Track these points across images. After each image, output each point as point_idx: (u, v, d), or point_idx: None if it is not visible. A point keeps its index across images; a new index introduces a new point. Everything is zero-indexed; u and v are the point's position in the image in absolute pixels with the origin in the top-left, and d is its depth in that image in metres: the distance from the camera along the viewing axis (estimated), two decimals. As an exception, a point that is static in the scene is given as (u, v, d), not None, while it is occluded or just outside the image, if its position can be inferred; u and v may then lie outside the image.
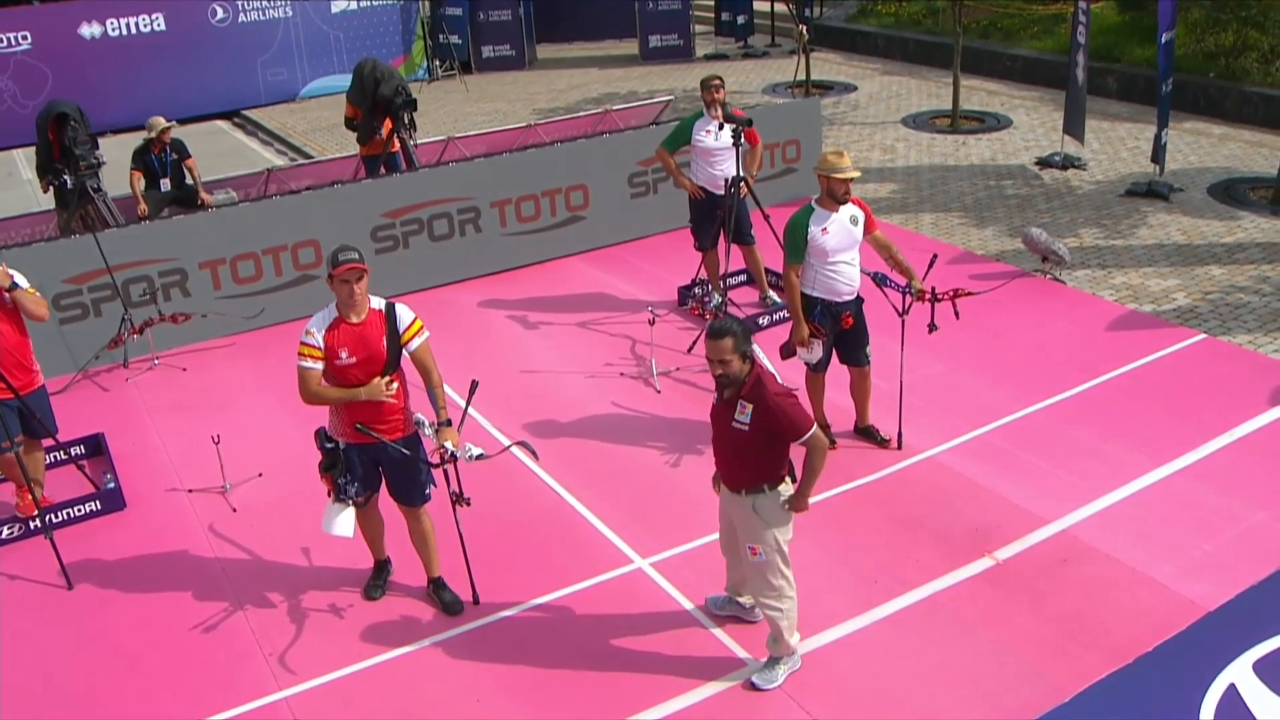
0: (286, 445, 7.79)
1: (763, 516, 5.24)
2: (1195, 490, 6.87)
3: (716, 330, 5.04)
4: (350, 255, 5.43)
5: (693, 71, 19.08)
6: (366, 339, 5.54)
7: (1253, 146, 13.62)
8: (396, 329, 5.60)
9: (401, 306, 5.67)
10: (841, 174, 6.81)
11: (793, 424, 5.09)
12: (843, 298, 7.10)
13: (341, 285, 5.45)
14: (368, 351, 5.54)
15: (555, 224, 10.76)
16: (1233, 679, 5.44)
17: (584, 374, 8.67)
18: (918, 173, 13.33)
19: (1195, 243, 10.79)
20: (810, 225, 6.93)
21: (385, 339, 5.57)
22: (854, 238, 7.03)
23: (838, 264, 7.01)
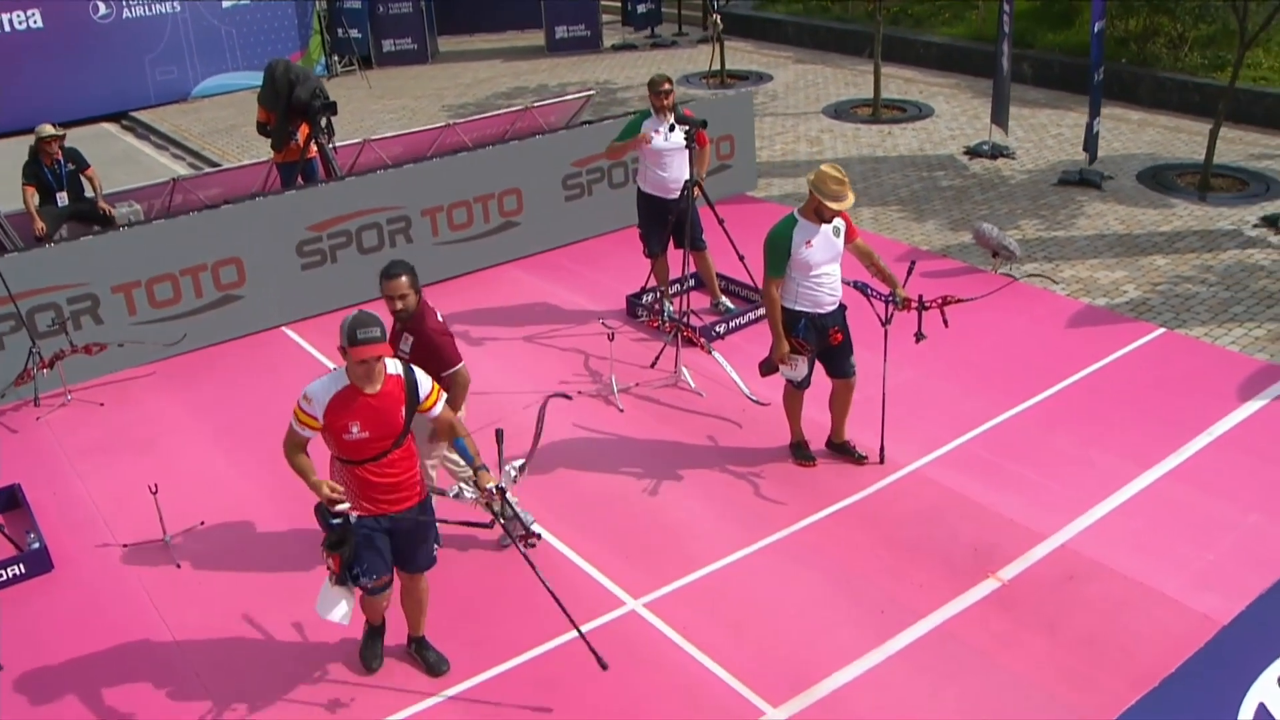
0: (225, 486, 7.20)
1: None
2: (1184, 494, 6.74)
3: (391, 269, 5.74)
4: (371, 333, 4.71)
5: (602, 63, 18.66)
6: (383, 411, 4.91)
7: (1172, 132, 13.74)
8: (416, 397, 4.98)
9: (419, 371, 5.08)
10: (839, 205, 6.44)
11: (445, 358, 5.80)
12: (826, 309, 6.80)
13: (359, 366, 4.79)
14: (384, 426, 4.92)
15: (489, 231, 10.26)
16: (1261, 698, 5.29)
17: (538, 393, 8.15)
18: (848, 165, 13.11)
19: (1135, 232, 10.78)
20: (794, 238, 6.58)
21: (404, 408, 4.95)
22: (837, 249, 6.73)
23: (821, 276, 6.70)
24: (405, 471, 5.09)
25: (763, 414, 7.74)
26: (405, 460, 5.07)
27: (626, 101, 15.96)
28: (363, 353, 4.70)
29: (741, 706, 5.30)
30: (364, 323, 4.72)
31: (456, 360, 5.85)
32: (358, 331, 4.69)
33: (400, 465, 5.04)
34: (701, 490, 7.00)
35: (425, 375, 5.03)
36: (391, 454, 4.96)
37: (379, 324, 4.74)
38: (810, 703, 5.30)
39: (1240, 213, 11.13)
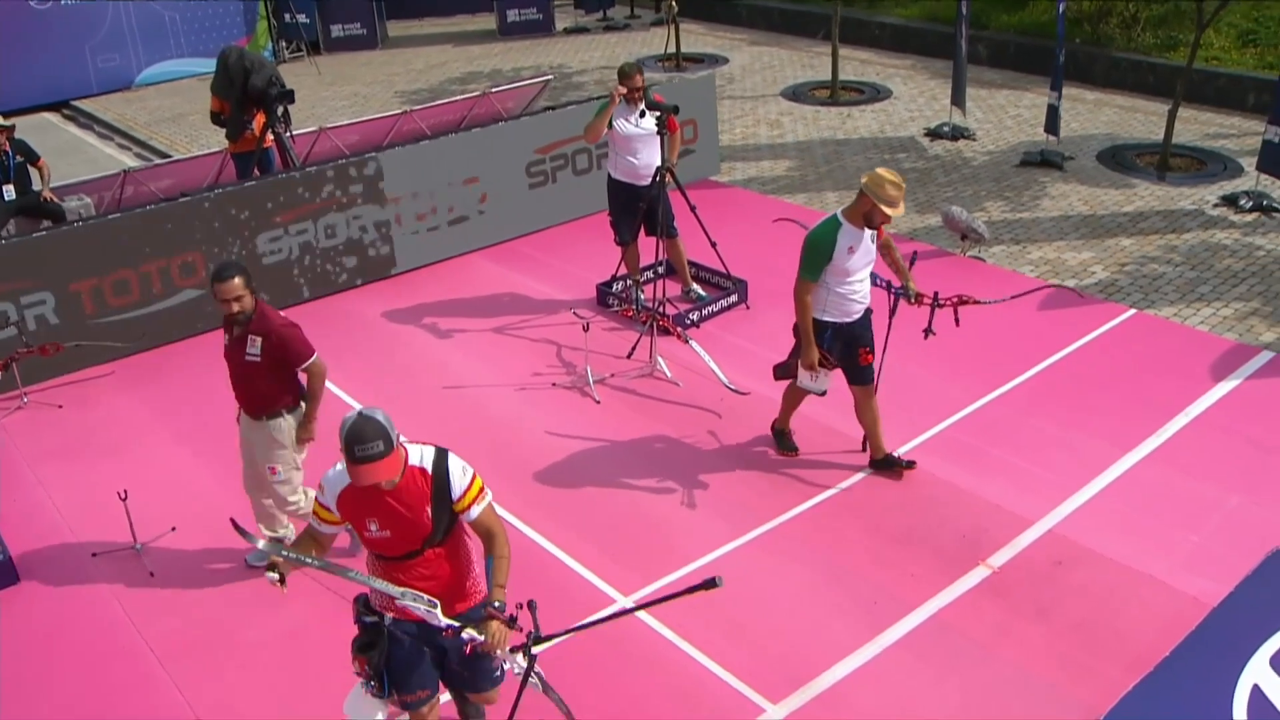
0: (196, 489, 6.98)
1: (281, 439, 5.81)
2: (1166, 477, 6.77)
3: (224, 272, 5.45)
4: (370, 450, 3.82)
5: (555, 46, 18.44)
6: (405, 509, 4.04)
7: (1128, 112, 13.84)
8: (448, 494, 4.06)
9: (456, 463, 4.09)
10: (894, 210, 6.07)
11: (299, 351, 5.65)
12: (854, 317, 6.46)
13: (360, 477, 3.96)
14: (406, 526, 4.07)
15: (453, 219, 10.06)
16: (1255, 679, 5.30)
17: (513, 386, 8.07)
18: (810, 148, 13.08)
19: (1099, 213, 10.83)
20: (838, 242, 6.18)
21: (431, 507, 4.06)
22: (873, 254, 6.40)
23: (855, 283, 6.35)
24: (451, 574, 4.24)
25: (742, 403, 7.67)
26: (448, 562, 4.22)
27: (583, 86, 15.78)
28: (361, 476, 3.87)
29: (740, 704, 5.22)
30: (362, 436, 3.80)
31: (310, 351, 5.73)
32: (355, 448, 3.81)
33: (439, 567, 4.19)
34: (684, 483, 6.90)
35: (463, 468, 4.10)
36: (425, 554, 4.14)
37: (383, 434, 3.84)
38: (810, 698, 5.24)
39: (1200, 192, 11.23)
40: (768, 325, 8.75)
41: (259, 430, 5.87)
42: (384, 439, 3.86)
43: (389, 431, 3.89)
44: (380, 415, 3.91)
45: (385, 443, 3.86)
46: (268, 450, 5.88)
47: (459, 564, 4.27)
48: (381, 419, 3.90)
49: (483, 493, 4.15)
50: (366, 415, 3.90)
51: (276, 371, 5.73)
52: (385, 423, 3.90)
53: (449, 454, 4.12)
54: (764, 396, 7.70)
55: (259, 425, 5.86)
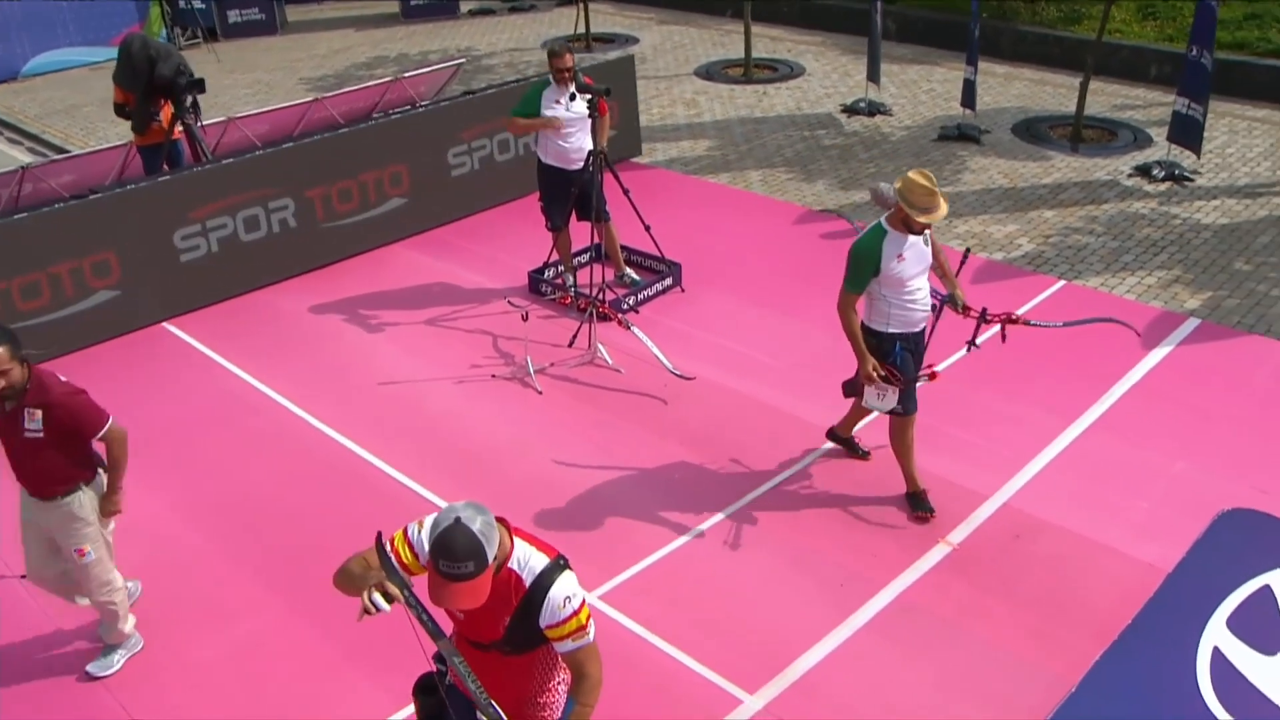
0: (129, 501, 6.61)
1: (85, 516, 5.12)
2: (1111, 445, 6.86)
3: None
4: (457, 570, 3.19)
5: (461, 29, 18.09)
6: (481, 611, 3.41)
7: (1037, 85, 14.06)
8: (534, 617, 3.42)
9: (561, 591, 3.40)
10: (927, 217, 5.63)
11: (90, 420, 4.99)
12: (919, 327, 6.08)
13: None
14: (479, 620, 3.50)
15: (376, 209, 9.77)
16: (1215, 642, 5.41)
17: (451, 380, 7.86)
18: (728, 126, 13.02)
19: (1019, 185, 10.97)
20: (884, 251, 5.81)
21: (511, 619, 3.45)
22: (928, 259, 5.98)
23: (912, 291, 5.92)
24: (518, 688, 3.66)
25: (688, 388, 7.57)
26: (518, 675, 3.65)
27: (493, 69, 15.50)
28: (440, 595, 3.25)
29: (718, 697, 5.14)
30: (452, 550, 3.17)
31: (104, 418, 5.02)
32: (440, 562, 3.20)
33: (507, 674, 3.61)
34: (636, 472, 6.80)
35: (568, 598, 3.40)
36: (493, 654, 3.58)
37: (477, 553, 3.18)
38: (787, 686, 5.19)
39: (1114, 163, 11.44)
40: (704, 308, 8.68)
41: (53, 511, 5.09)
42: (476, 559, 3.17)
43: (484, 549, 3.19)
44: (480, 523, 3.20)
45: (477, 563, 3.18)
46: (69, 531, 5.12)
47: (532, 680, 3.68)
48: (479, 530, 3.18)
49: (582, 631, 3.44)
50: (464, 524, 3.18)
51: (66, 445, 4.98)
52: (484, 536, 3.19)
53: (562, 575, 3.42)
54: (709, 381, 7.63)
55: (52, 505, 5.08)
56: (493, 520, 3.27)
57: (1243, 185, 10.79)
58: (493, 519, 3.28)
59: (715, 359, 7.91)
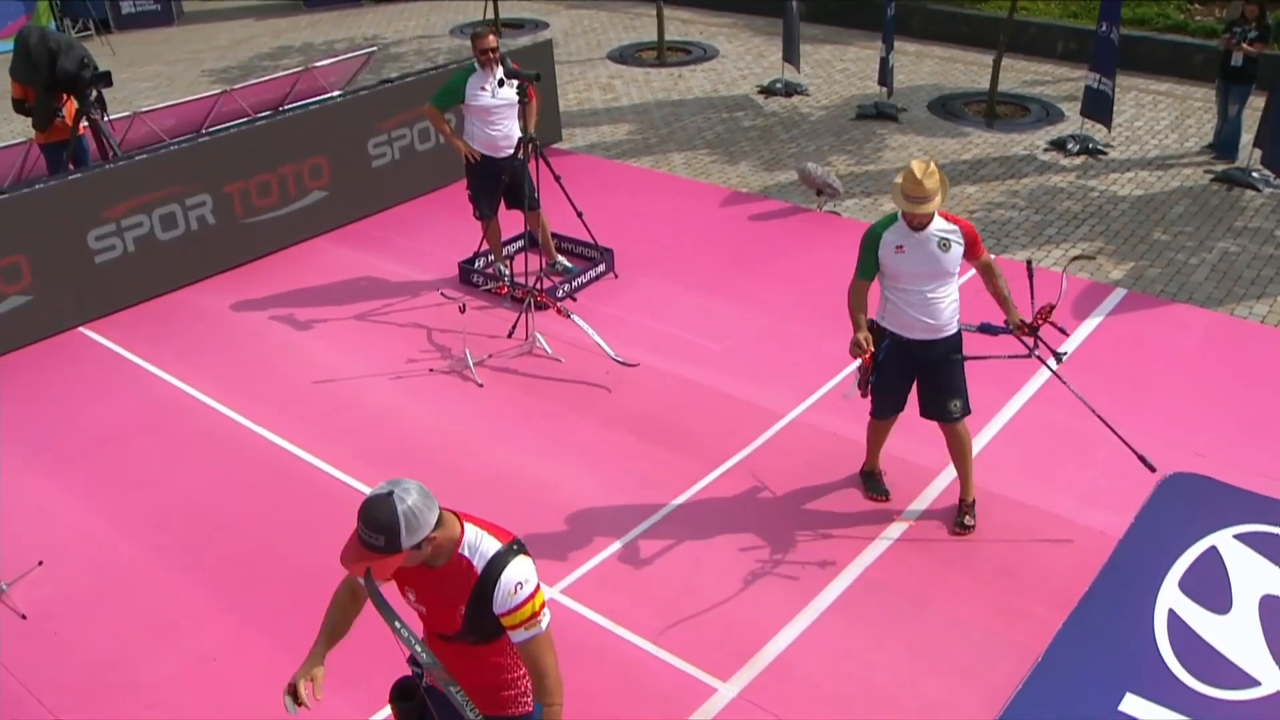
0: (60, 515, 6.37)
1: None
2: (1052, 416, 6.95)
3: None
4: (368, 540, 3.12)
5: (365, 17, 17.72)
6: (440, 594, 3.38)
7: (948, 63, 14.24)
8: (488, 604, 3.28)
9: (513, 576, 3.26)
10: (914, 209, 5.32)
11: None
12: (914, 335, 5.68)
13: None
14: (436, 611, 3.44)
15: (297, 203, 9.50)
16: (1169, 604, 5.52)
17: (389, 376, 7.67)
18: (647, 110, 12.95)
19: (940, 162, 11.08)
20: (884, 239, 5.55)
21: (467, 607, 3.33)
22: (941, 267, 5.51)
23: (910, 293, 5.59)
24: (484, 678, 3.54)
25: (631, 375, 7.50)
26: (484, 665, 3.52)
27: (401, 57, 15.19)
28: (350, 556, 3.20)
29: (692, 686, 5.09)
30: (370, 518, 3.11)
31: None
32: (360, 527, 3.15)
33: (473, 665, 3.50)
34: (584, 462, 6.70)
35: (519, 584, 3.26)
36: (458, 645, 3.46)
37: (389, 528, 3.08)
38: (758, 672, 5.15)
39: (1029, 137, 11.65)
40: (639, 293, 8.61)
41: None
42: (388, 536, 3.08)
43: (400, 531, 3.08)
44: (411, 503, 3.10)
45: (389, 541, 3.09)
46: None
47: (499, 671, 3.54)
48: (405, 511, 3.09)
49: (535, 619, 3.29)
50: (394, 498, 3.10)
51: None
52: (406, 518, 3.09)
53: (515, 560, 3.28)
54: (652, 367, 7.57)
55: None
56: (430, 508, 3.14)
57: (1153, 157, 11.06)
58: (432, 507, 3.15)
59: (655, 344, 7.85)
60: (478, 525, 3.33)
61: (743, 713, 4.92)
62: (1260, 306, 8.28)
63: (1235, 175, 10.40)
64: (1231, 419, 6.89)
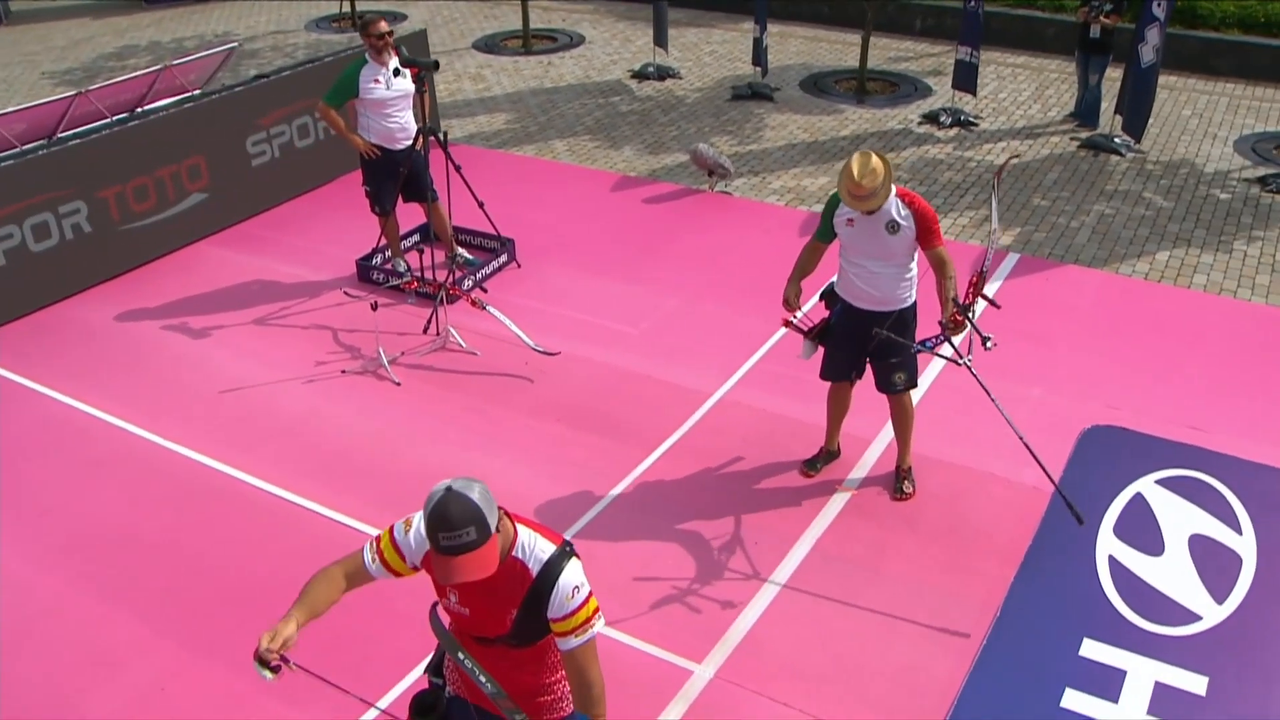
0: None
1: None
2: (972, 380, 7.11)
3: None
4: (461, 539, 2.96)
5: (212, 13, 17.01)
6: (490, 596, 3.21)
7: (812, 42, 14.49)
8: (542, 608, 3.18)
9: (570, 579, 3.16)
10: (853, 204, 5.39)
11: None
12: (860, 305, 5.78)
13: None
14: (484, 613, 3.27)
15: (177, 206, 9.05)
16: (1109, 551, 5.74)
17: (299, 380, 7.39)
18: (521, 99, 12.79)
19: (820, 139, 11.28)
20: (840, 208, 5.61)
21: (519, 611, 3.21)
22: (885, 247, 5.54)
23: (857, 265, 5.68)
24: (523, 681, 3.42)
25: (551, 365, 7.40)
26: (525, 668, 3.41)
27: (258, 53, 14.64)
28: (447, 571, 3.00)
29: (668, 671, 5.05)
30: (448, 519, 2.95)
31: None
32: (439, 536, 2.97)
33: (512, 668, 3.38)
34: (518, 454, 6.58)
35: (576, 588, 3.16)
36: (498, 648, 3.34)
37: (477, 519, 2.96)
38: (732, 649, 5.15)
39: (902, 112, 11.94)
40: (544, 282, 8.51)
41: None
42: (477, 524, 2.95)
43: (485, 515, 2.97)
44: (477, 492, 3.00)
45: (479, 529, 2.96)
46: None
47: (539, 673, 3.43)
48: (477, 497, 2.98)
49: (588, 624, 3.20)
50: (457, 491, 2.98)
51: None
52: (481, 502, 2.98)
53: (570, 563, 3.18)
54: (571, 355, 7.49)
55: None
56: (489, 492, 3.04)
57: (1021, 127, 11.47)
58: (489, 491, 3.05)
59: (570, 332, 7.77)
60: (529, 526, 3.22)
61: (724, 692, 4.91)
62: (1141, 264, 8.67)
63: (1099, 142, 10.87)
64: (1134, 372, 7.20)
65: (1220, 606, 5.38)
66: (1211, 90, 12.45)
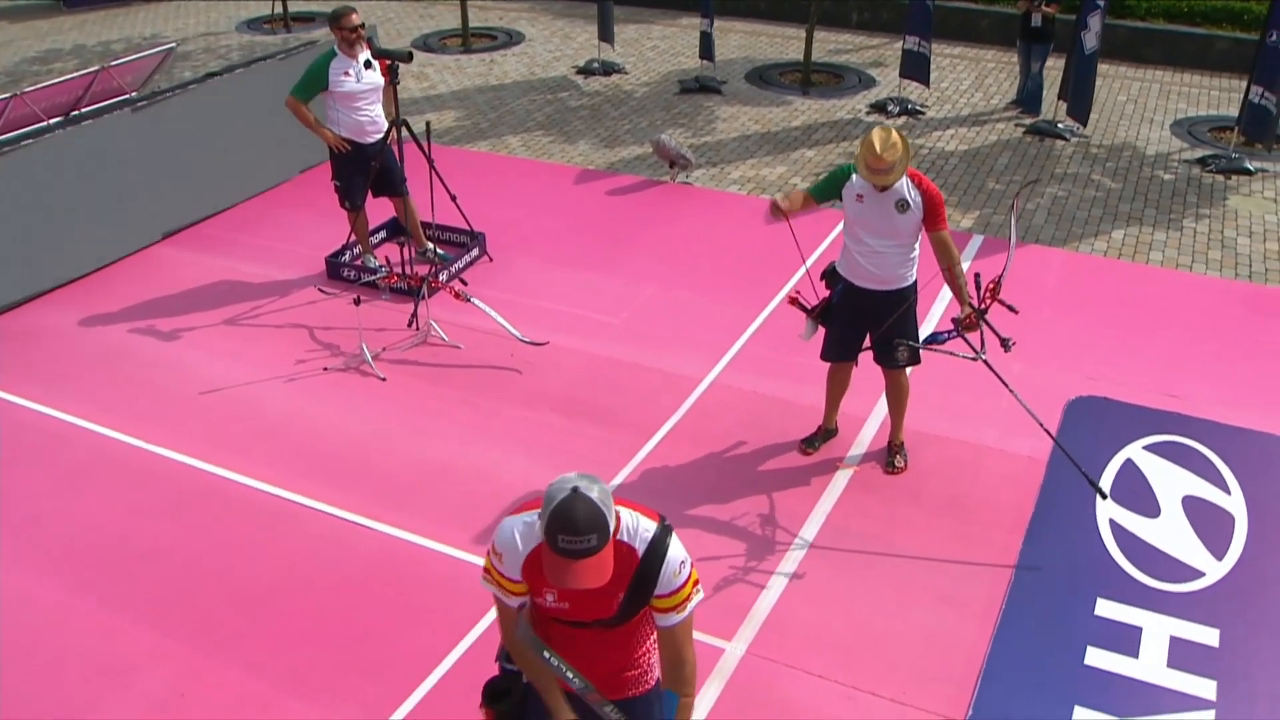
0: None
1: None
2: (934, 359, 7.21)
3: None
4: (580, 545, 2.88)
5: (138, 15, 16.59)
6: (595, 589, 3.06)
7: (752, 36, 14.63)
8: (649, 588, 3.13)
9: (675, 554, 3.13)
10: (871, 178, 5.43)
11: None
12: (861, 284, 5.82)
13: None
14: (587, 603, 3.17)
15: (128, 207, 8.79)
16: (1109, 515, 5.90)
17: (281, 379, 7.25)
18: (468, 96, 12.71)
19: (773, 129, 11.39)
20: (852, 180, 5.65)
21: (626, 595, 3.15)
22: (892, 225, 5.60)
23: (862, 242, 5.72)
24: (613, 659, 3.38)
25: (538, 356, 7.37)
26: (616, 647, 3.36)
27: (190, 56, 14.31)
28: (564, 575, 2.92)
29: (701, 650, 5.02)
30: (573, 523, 2.85)
31: None
32: (559, 538, 2.87)
33: (604, 648, 3.34)
34: (518, 446, 6.54)
35: (683, 562, 3.15)
36: (592, 630, 3.28)
37: (600, 524, 2.88)
38: (760, 625, 5.19)
39: (850, 102, 12.11)
40: (518, 275, 8.48)
41: None
42: (599, 531, 2.87)
43: (607, 520, 2.89)
44: (597, 493, 2.90)
45: (600, 536, 2.88)
46: None
47: (629, 649, 3.38)
48: (598, 499, 2.88)
49: (689, 600, 3.18)
50: (583, 494, 2.87)
51: None
52: (603, 505, 2.89)
53: (673, 539, 3.14)
54: (556, 345, 7.46)
55: None
56: (608, 492, 2.99)
57: (967, 115, 11.72)
58: (607, 490, 2.99)
59: (551, 323, 7.74)
60: (628, 506, 3.19)
61: (758, 668, 4.95)
62: (1099, 243, 8.93)
63: (1044, 127, 11.15)
64: (1107, 345, 7.42)
65: (1220, 562, 5.56)
66: (1143, 78, 12.86)
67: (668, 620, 3.20)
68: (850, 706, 4.78)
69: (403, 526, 5.89)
